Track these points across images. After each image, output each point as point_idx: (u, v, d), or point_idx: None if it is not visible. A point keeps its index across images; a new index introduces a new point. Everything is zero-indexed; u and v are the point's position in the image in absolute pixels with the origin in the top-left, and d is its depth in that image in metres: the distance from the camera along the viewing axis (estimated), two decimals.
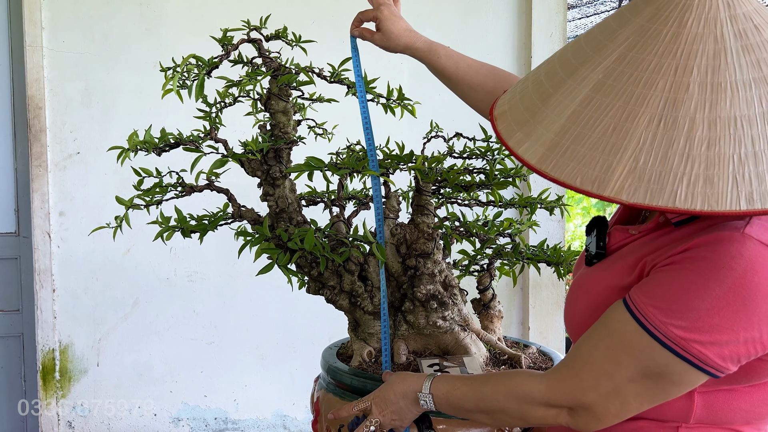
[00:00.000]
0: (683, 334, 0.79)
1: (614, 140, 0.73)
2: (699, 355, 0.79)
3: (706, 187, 0.69)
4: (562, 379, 0.91)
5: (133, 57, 2.64)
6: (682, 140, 0.70)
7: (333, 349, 1.51)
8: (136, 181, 1.40)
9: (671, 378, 0.83)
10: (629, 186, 0.71)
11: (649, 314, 0.82)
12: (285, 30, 1.37)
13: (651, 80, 0.73)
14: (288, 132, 1.40)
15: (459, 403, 1.03)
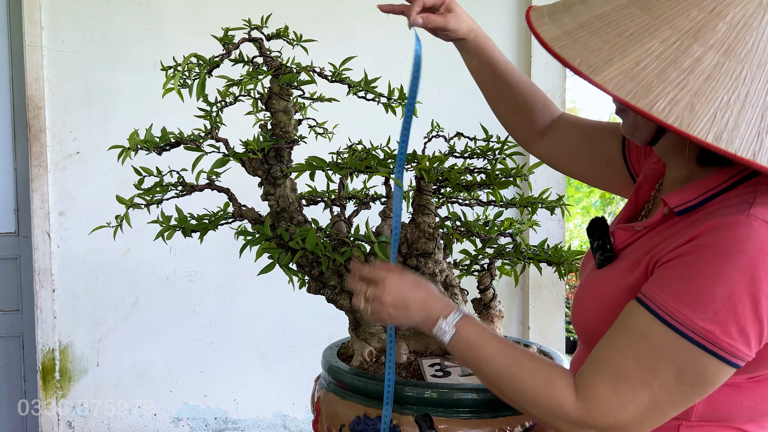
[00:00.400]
0: (710, 327, 0.77)
1: (626, 42, 0.77)
2: (729, 348, 0.77)
3: (686, 110, 0.72)
4: (601, 399, 0.84)
5: (133, 57, 2.64)
6: (686, 64, 0.74)
7: (333, 349, 1.51)
8: (137, 181, 1.40)
9: (705, 378, 0.80)
10: (619, 81, 0.75)
11: (671, 310, 0.80)
12: (286, 29, 1.37)
13: (685, 9, 0.77)
14: (289, 131, 1.40)
15: (478, 354, 0.95)
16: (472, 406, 1.21)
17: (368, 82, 1.33)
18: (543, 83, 2.89)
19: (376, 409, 1.24)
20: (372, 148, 1.43)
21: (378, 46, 2.78)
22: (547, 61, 2.89)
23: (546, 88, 2.90)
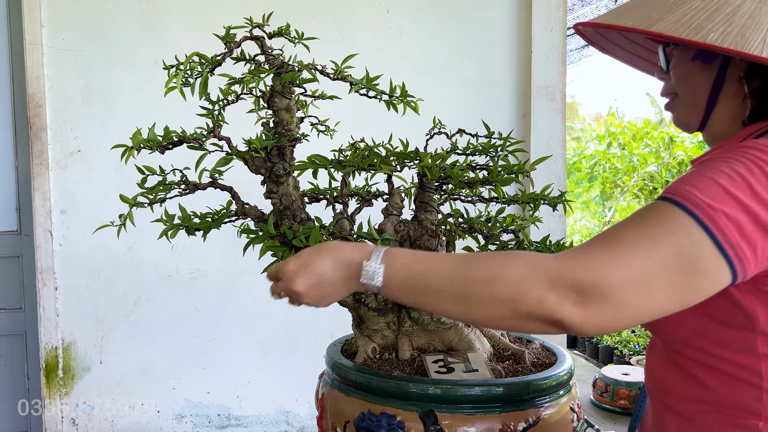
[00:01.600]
0: (704, 198, 0.75)
1: (671, 5, 0.89)
2: (729, 235, 0.74)
3: (737, 37, 0.83)
4: (592, 254, 0.76)
5: (133, 54, 2.63)
6: (729, 10, 0.86)
7: (337, 346, 1.52)
8: (140, 179, 1.40)
9: (700, 266, 0.74)
10: (671, 27, 0.85)
11: (682, 192, 0.77)
12: (288, 27, 1.37)
13: None
14: (291, 129, 1.40)
15: (423, 276, 0.84)
16: (476, 402, 1.22)
17: (370, 79, 1.33)
18: (543, 78, 2.90)
19: (380, 406, 1.25)
20: (374, 146, 1.43)
21: (377, 43, 2.78)
22: (547, 57, 2.89)
23: (546, 83, 2.90)
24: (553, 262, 0.77)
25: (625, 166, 7.56)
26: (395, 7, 2.79)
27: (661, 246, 0.74)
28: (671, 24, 0.84)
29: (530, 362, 1.40)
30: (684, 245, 0.74)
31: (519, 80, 2.90)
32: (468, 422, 1.22)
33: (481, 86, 2.87)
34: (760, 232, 0.75)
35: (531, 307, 0.76)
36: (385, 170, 1.21)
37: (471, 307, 0.81)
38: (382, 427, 1.24)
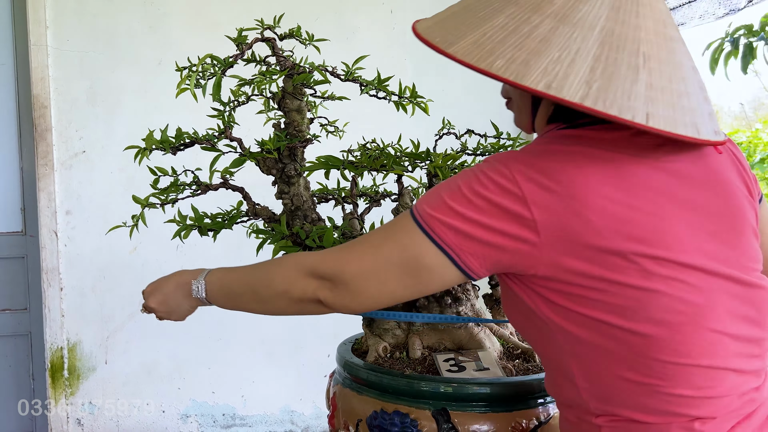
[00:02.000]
0: (425, 208, 0.89)
1: (479, 21, 0.89)
2: (436, 228, 0.88)
3: (521, 66, 0.83)
4: (336, 250, 0.97)
5: (138, 55, 2.64)
6: (525, 30, 0.85)
7: (347, 345, 1.53)
8: (152, 180, 1.41)
9: (422, 258, 0.90)
10: (467, 50, 0.86)
11: (417, 203, 0.92)
12: (299, 29, 1.38)
13: None
14: (302, 130, 1.41)
15: (230, 285, 1.08)
16: (488, 400, 1.23)
17: (381, 81, 1.35)
18: None
19: (392, 404, 1.26)
20: (384, 147, 1.45)
21: (381, 43, 2.79)
22: None
23: None
24: (310, 258, 0.98)
25: None
26: (399, 7, 2.80)
27: (388, 245, 0.92)
28: (468, 46, 0.86)
29: (540, 361, 1.41)
30: (407, 245, 0.90)
31: None
32: (480, 420, 1.23)
33: (484, 86, 2.88)
34: (467, 235, 0.87)
35: (299, 294, 0.98)
36: (397, 171, 1.22)
37: (265, 303, 1.04)
38: (395, 425, 1.25)
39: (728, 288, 0.89)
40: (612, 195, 0.85)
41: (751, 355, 0.90)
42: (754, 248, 0.93)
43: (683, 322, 0.87)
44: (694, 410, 0.87)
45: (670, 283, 0.86)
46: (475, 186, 0.87)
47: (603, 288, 0.87)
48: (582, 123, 0.92)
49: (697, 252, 0.88)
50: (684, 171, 0.91)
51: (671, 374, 0.87)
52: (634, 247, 0.85)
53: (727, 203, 0.92)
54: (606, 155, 0.88)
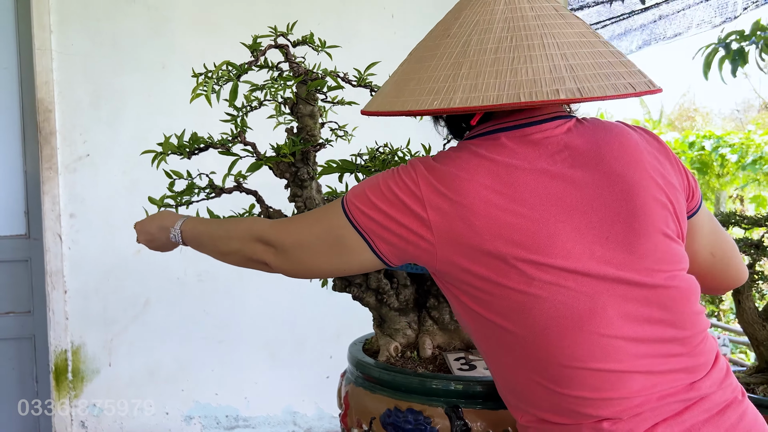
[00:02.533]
0: (350, 197, 1.03)
1: (387, 84, 1.06)
2: (350, 205, 1.01)
3: (384, 102, 1.01)
4: (281, 222, 1.13)
5: (141, 59, 2.66)
6: (395, 78, 1.03)
7: (358, 345, 1.56)
8: (168, 183, 1.44)
9: (344, 239, 1.02)
10: (376, 104, 1.04)
11: (346, 194, 1.06)
12: (312, 36, 1.41)
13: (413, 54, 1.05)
14: (315, 135, 1.44)
15: (199, 237, 1.23)
16: (498, 399, 1.26)
17: None
18: None
19: (406, 402, 1.29)
20: (393, 150, 1.48)
21: (382, 47, 2.82)
22: None
23: None
24: (260, 225, 1.14)
25: None
26: (400, 11, 2.84)
27: (319, 224, 1.07)
28: (379, 100, 1.04)
29: None
30: (334, 226, 1.04)
31: None
32: (491, 417, 1.26)
33: None
34: (378, 223, 0.99)
35: (249, 254, 1.14)
36: None
37: (224, 255, 1.21)
38: (409, 422, 1.28)
39: (622, 291, 0.93)
40: (498, 201, 0.92)
41: (668, 355, 0.94)
42: (662, 250, 0.96)
43: (567, 327, 0.91)
44: (598, 411, 0.92)
45: (552, 288, 0.91)
46: (390, 183, 1.00)
47: (490, 290, 0.94)
48: (486, 131, 1.01)
49: (585, 257, 0.92)
50: (578, 178, 0.95)
51: (566, 377, 0.93)
52: (514, 252, 0.91)
53: (629, 207, 0.96)
54: (501, 161, 0.95)
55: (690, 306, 0.97)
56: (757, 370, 1.93)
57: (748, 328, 1.94)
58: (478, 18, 0.96)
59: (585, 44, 0.94)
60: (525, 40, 0.92)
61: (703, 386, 0.94)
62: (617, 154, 0.98)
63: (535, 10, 0.96)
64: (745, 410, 0.96)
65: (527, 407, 1.00)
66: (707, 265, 1.13)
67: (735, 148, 7.73)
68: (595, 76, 0.90)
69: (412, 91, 0.96)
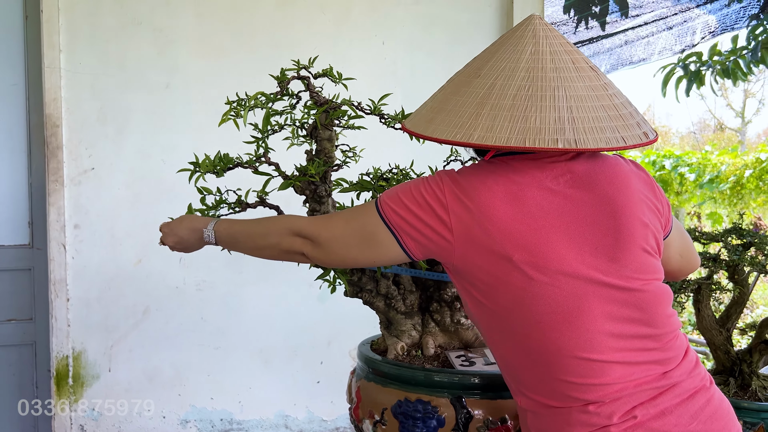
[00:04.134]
0: (384, 197, 1.20)
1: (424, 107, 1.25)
2: (383, 204, 1.18)
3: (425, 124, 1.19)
4: (319, 218, 1.29)
5: (146, 79, 2.80)
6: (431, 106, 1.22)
7: (366, 345, 1.72)
8: (199, 198, 1.59)
9: (376, 234, 1.19)
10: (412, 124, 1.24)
11: (379, 195, 1.23)
12: (331, 69, 1.59)
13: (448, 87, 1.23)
14: (332, 156, 1.62)
15: (234, 234, 1.36)
16: (498, 389, 1.45)
17: (405, 116, 1.56)
18: None
19: (415, 394, 1.47)
20: (403, 170, 1.66)
21: (373, 73, 3.02)
22: None
23: None
24: (298, 221, 1.29)
25: None
26: (390, 39, 3.04)
27: (354, 220, 1.23)
28: (415, 121, 1.24)
29: None
30: (367, 223, 1.20)
31: None
32: (490, 406, 1.44)
33: None
34: (407, 221, 1.16)
35: (287, 246, 1.29)
36: None
37: (260, 250, 1.35)
38: (418, 411, 1.46)
39: (606, 294, 1.13)
40: (509, 212, 1.12)
41: (644, 349, 1.13)
42: (640, 262, 1.16)
43: (559, 321, 1.11)
44: (584, 395, 1.11)
45: (547, 287, 1.11)
46: (421, 189, 1.17)
47: (495, 284, 1.14)
48: (503, 155, 1.21)
49: (577, 263, 1.12)
50: (577, 197, 1.16)
51: (557, 364, 1.12)
52: (519, 255, 1.11)
53: (616, 224, 1.16)
54: (513, 179, 1.15)
55: (662, 309, 1.16)
56: (715, 372, 2.15)
57: (706, 333, 2.16)
58: (505, 64, 1.14)
59: (591, 98, 1.12)
60: (540, 90, 1.10)
61: (674, 375, 1.13)
62: (610, 180, 1.18)
63: (554, 62, 1.14)
64: (712, 395, 1.15)
65: (525, 391, 1.18)
66: (678, 264, 1.36)
67: (693, 168, 8.14)
68: (592, 129, 1.09)
69: (441, 121, 1.15)
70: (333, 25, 2.99)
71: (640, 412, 1.08)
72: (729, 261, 2.03)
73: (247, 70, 2.85)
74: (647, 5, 4.34)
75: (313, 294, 2.82)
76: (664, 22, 4.74)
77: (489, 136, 1.08)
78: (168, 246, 1.49)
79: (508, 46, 1.18)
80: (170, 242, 1.47)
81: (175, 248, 1.49)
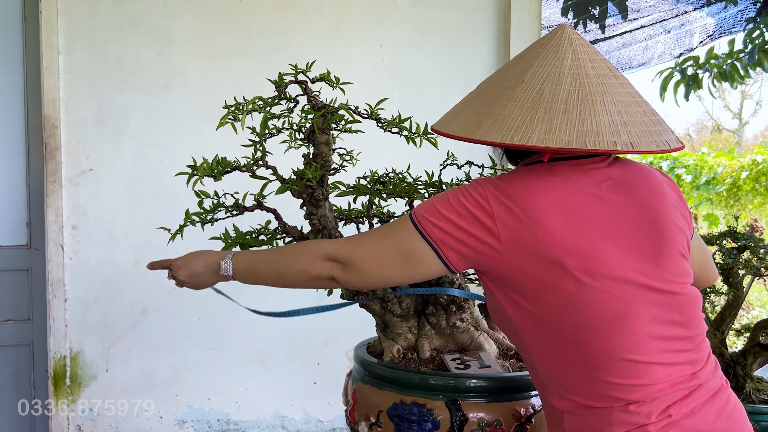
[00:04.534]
0: (420, 211, 1.16)
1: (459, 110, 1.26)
2: (422, 220, 1.15)
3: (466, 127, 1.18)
4: (348, 240, 1.23)
5: (144, 80, 2.81)
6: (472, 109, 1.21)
7: (362, 348, 1.73)
8: (197, 202, 1.60)
9: (415, 250, 1.15)
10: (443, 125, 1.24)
11: (416, 207, 1.19)
12: (329, 74, 1.60)
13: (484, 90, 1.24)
14: (329, 160, 1.63)
15: (255, 265, 1.31)
16: (492, 392, 1.46)
17: (402, 120, 1.57)
18: None
19: (410, 396, 1.48)
20: (398, 174, 1.67)
21: (371, 75, 3.03)
22: None
23: None
24: (327, 245, 1.25)
25: None
26: (387, 41, 3.05)
27: (389, 238, 1.19)
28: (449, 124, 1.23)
29: None
30: (404, 239, 1.17)
31: None
32: (485, 409, 1.46)
33: None
34: (448, 233, 1.14)
35: (317, 272, 1.24)
36: (418, 197, 1.45)
37: (284, 279, 1.29)
38: (414, 414, 1.47)
39: (652, 297, 1.15)
40: (557, 217, 1.12)
41: (681, 350, 1.15)
42: (679, 266, 1.19)
43: (608, 324, 1.13)
44: (627, 395, 1.12)
45: (598, 292, 1.12)
46: (460, 198, 1.14)
47: (543, 291, 1.14)
48: (542, 160, 1.20)
49: (624, 267, 1.14)
50: (620, 202, 1.18)
51: (604, 366, 1.13)
52: (570, 260, 1.11)
53: (657, 230, 1.18)
54: (560, 184, 1.16)
55: (696, 311, 1.20)
56: None
57: None
58: (549, 70, 1.16)
59: (633, 104, 1.15)
60: (589, 95, 1.13)
61: (702, 375, 1.16)
62: (647, 187, 1.21)
63: (595, 69, 1.17)
64: (730, 395, 1.19)
65: (565, 393, 1.18)
66: (697, 274, 1.36)
67: (690, 169, 8.17)
68: (642, 132, 1.12)
69: (491, 125, 1.14)
70: (331, 27, 3.00)
71: (675, 411, 1.11)
72: (724, 264, 2.05)
73: (246, 72, 2.86)
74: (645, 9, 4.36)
75: (311, 294, 2.83)
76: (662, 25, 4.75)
77: (548, 139, 1.09)
78: (178, 280, 1.42)
79: (547, 53, 1.19)
80: (182, 276, 1.41)
81: (186, 283, 1.42)
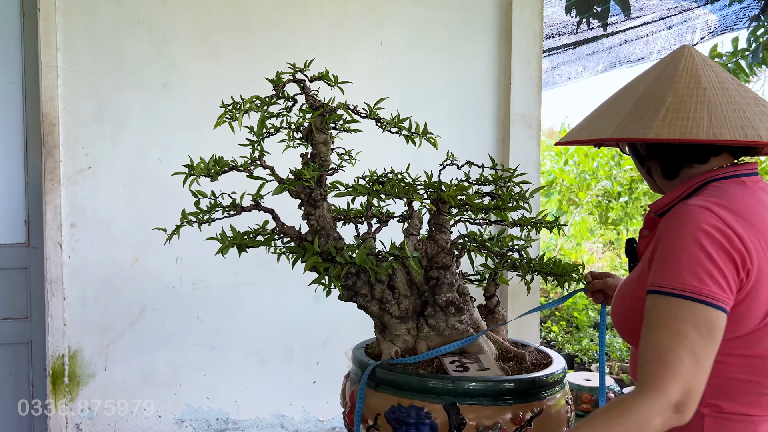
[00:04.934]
0: (690, 281, 1.06)
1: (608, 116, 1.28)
2: (709, 293, 1.05)
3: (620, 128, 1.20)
4: (661, 378, 1.04)
5: (143, 78, 2.79)
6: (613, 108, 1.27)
7: (361, 349, 1.72)
8: (194, 202, 1.58)
9: (711, 324, 1.05)
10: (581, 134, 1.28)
11: (666, 283, 1.08)
12: (327, 72, 1.58)
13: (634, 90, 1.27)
14: (327, 160, 1.61)
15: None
16: (491, 396, 1.44)
17: (400, 120, 1.56)
18: (520, 107, 3.18)
19: (408, 399, 1.46)
20: (394, 175, 1.65)
21: (371, 73, 3.01)
22: (524, 88, 3.17)
23: (523, 112, 3.18)
24: (673, 396, 1.03)
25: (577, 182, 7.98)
26: (388, 40, 3.03)
27: (688, 335, 1.05)
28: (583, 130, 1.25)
29: (530, 362, 1.63)
30: (698, 322, 1.05)
31: (498, 109, 3.17)
32: (484, 413, 1.44)
33: (464, 114, 3.13)
34: (722, 282, 1.07)
35: (658, 427, 1.04)
36: (417, 198, 1.43)
37: None
38: (412, 417, 1.45)
39: None
40: None
41: None
42: None
43: None
44: None
45: None
46: (705, 245, 1.07)
47: (755, 305, 1.11)
48: (726, 176, 1.19)
49: None
50: None
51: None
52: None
53: None
54: (762, 200, 1.17)
55: None
56: None
57: None
58: (704, 82, 1.20)
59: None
60: (754, 105, 1.19)
61: None
62: None
63: (734, 80, 1.24)
64: None
65: (716, 400, 1.16)
66: None
67: None
68: None
69: (669, 125, 1.14)
70: (331, 25, 2.98)
71: None
72: None
73: (245, 70, 2.84)
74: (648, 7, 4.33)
75: (310, 294, 2.82)
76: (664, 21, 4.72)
77: None
78: None
79: (692, 67, 1.23)
80: None
81: None
